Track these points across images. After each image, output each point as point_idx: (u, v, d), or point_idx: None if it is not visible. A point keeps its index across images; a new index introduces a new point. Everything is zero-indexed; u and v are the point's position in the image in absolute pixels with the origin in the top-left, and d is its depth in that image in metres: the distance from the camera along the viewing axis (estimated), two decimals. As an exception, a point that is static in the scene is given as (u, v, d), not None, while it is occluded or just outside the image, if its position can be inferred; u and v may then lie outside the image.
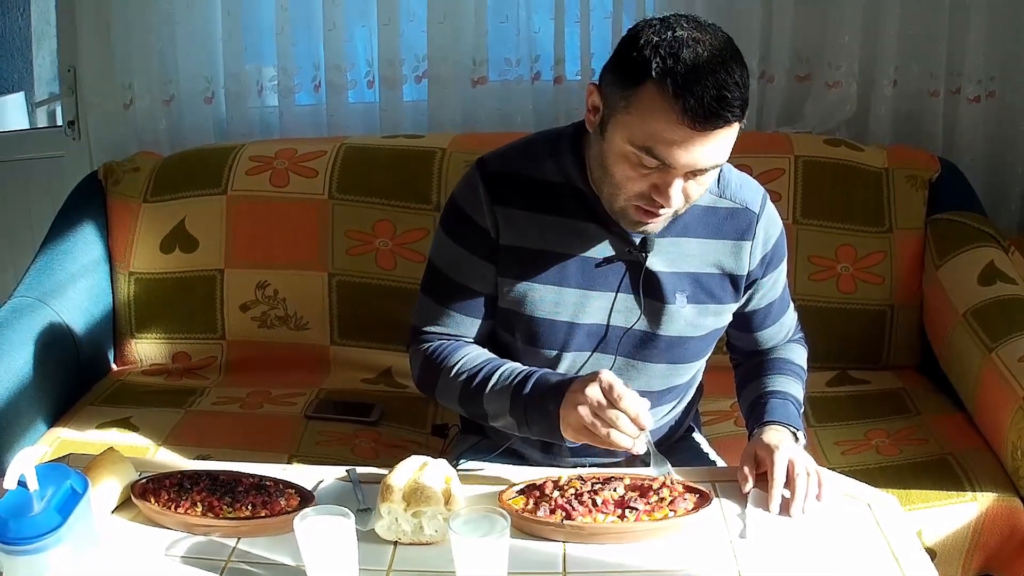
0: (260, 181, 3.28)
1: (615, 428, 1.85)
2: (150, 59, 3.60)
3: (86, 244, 3.23)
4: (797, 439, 2.11)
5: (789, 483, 1.96)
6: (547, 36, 3.62)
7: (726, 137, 1.84)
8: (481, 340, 2.21)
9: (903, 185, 3.26)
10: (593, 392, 1.87)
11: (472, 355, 2.14)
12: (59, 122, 3.92)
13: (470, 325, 2.18)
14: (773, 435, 2.08)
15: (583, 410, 1.87)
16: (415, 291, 2.25)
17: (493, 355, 2.16)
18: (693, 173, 1.87)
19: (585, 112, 1.98)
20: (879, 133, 3.62)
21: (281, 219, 3.26)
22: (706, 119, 1.78)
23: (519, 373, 2.05)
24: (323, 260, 3.23)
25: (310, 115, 3.72)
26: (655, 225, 1.99)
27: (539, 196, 2.08)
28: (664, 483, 1.93)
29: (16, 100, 5.15)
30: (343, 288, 3.23)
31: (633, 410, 1.85)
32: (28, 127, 5.08)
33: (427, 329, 2.21)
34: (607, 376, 1.88)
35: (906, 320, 3.23)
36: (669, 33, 1.81)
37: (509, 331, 2.18)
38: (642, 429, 1.87)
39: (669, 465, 1.98)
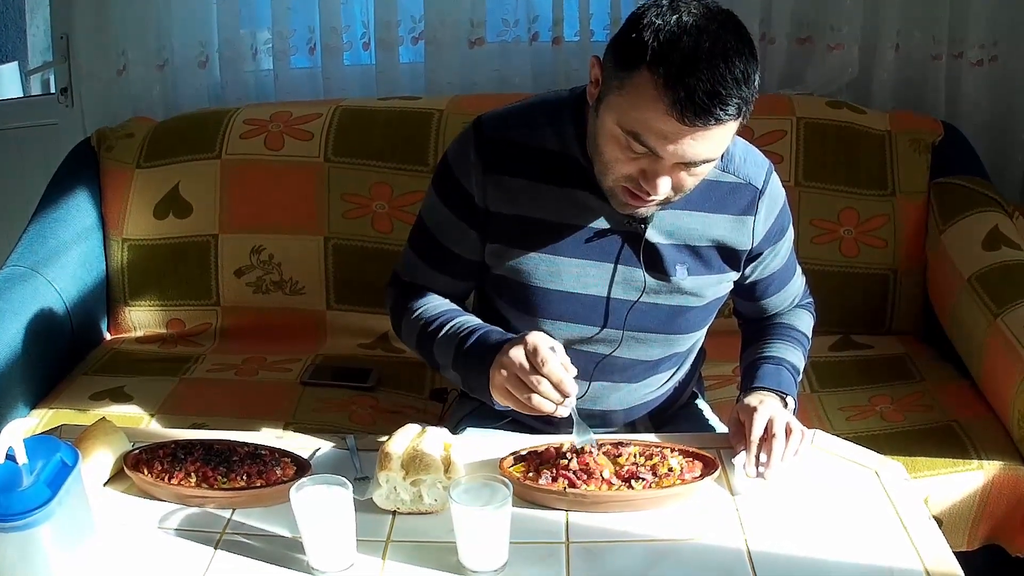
0: (255, 145, 3.24)
1: (536, 392, 1.82)
2: (144, 24, 3.56)
3: (79, 211, 3.19)
4: (786, 404, 2.09)
5: (766, 444, 1.95)
6: (546, -4, 3.59)
7: (720, 134, 1.77)
8: (458, 300, 2.20)
9: (906, 148, 3.23)
10: (516, 354, 1.84)
11: (436, 302, 2.15)
12: (52, 90, 3.88)
13: (445, 283, 2.18)
14: (755, 397, 2.07)
15: (505, 373, 1.85)
16: (411, 254, 2.24)
17: (456, 307, 2.15)
18: (684, 165, 1.81)
19: (589, 83, 1.93)
20: (881, 97, 3.58)
21: (276, 183, 3.22)
22: (696, 115, 1.71)
23: (467, 327, 2.04)
24: (319, 224, 3.20)
25: (305, 78, 3.69)
26: (644, 209, 1.94)
27: (536, 164, 2.03)
28: (588, 451, 1.91)
29: (10, 69, 5.10)
30: (339, 252, 3.21)
31: (556, 376, 1.82)
32: (22, 95, 5.04)
33: (404, 278, 2.23)
34: (533, 338, 1.84)
35: (909, 285, 3.20)
36: (674, 17, 1.73)
37: (504, 299, 2.15)
38: (566, 395, 1.83)
39: (592, 435, 1.94)
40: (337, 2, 3.56)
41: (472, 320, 2.07)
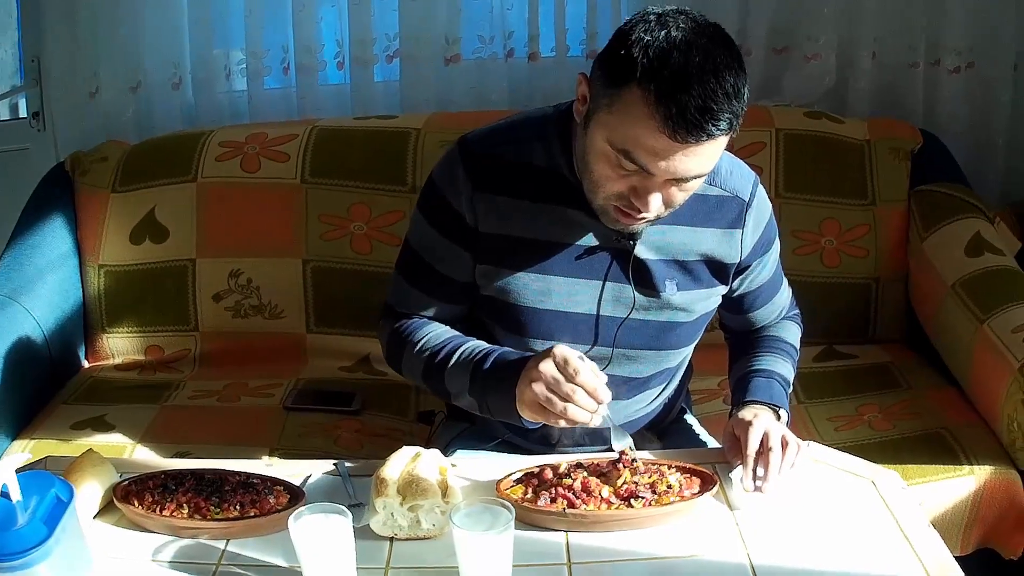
0: (231, 167, 3.21)
1: (572, 403, 1.80)
2: (116, 46, 3.53)
3: (54, 237, 3.15)
4: (779, 416, 2.08)
5: (763, 457, 1.93)
6: (520, 13, 3.57)
7: (711, 149, 1.76)
8: (453, 323, 2.16)
9: (886, 157, 3.24)
10: (547, 367, 1.81)
11: (437, 331, 2.11)
12: (22, 114, 3.84)
13: (440, 308, 2.14)
14: (748, 411, 2.05)
15: (538, 387, 1.82)
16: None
17: (458, 333, 2.11)
18: (676, 181, 1.80)
19: (575, 100, 1.91)
20: (859, 106, 3.59)
21: (253, 205, 3.19)
22: (688, 131, 1.70)
23: (480, 351, 2.01)
24: (297, 246, 3.17)
25: (280, 98, 3.66)
26: (635, 226, 1.93)
27: (524, 182, 2.01)
28: (626, 457, 1.91)
29: (-23, 95, 5.06)
30: (318, 274, 3.18)
31: (590, 384, 1.80)
32: (-9, 121, 4.99)
33: (398, 308, 2.18)
34: (561, 350, 1.82)
35: (891, 293, 3.21)
36: (662, 33, 1.72)
37: (495, 320, 2.13)
38: (600, 403, 1.81)
39: (629, 438, 1.94)
40: (311, 21, 3.54)
41: (480, 344, 2.04)
